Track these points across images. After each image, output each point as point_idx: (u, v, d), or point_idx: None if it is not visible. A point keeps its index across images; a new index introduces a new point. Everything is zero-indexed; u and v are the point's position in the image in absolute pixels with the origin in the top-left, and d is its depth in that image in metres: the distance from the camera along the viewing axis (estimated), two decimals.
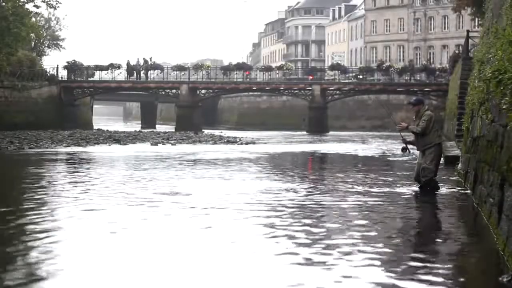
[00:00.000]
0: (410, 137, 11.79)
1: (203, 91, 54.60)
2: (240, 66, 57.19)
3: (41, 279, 5.48)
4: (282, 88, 54.41)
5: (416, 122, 11.33)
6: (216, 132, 43.81)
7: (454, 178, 13.87)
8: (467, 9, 33.20)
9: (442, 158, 12.56)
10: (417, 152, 11.79)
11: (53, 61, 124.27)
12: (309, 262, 6.13)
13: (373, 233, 7.57)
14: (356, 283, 5.44)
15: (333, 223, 8.36)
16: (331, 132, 49.12)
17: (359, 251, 6.58)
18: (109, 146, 27.41)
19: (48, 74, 49.70)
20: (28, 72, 45.65)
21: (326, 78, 57.34)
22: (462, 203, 10.70)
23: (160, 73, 57.33)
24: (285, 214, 8.91)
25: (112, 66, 53.50)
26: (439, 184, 11.58)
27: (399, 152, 11.98)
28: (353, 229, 7.84)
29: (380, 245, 6.92)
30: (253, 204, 9.88)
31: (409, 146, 11.74)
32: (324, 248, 6.71)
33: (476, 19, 35.11)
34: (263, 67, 60.30)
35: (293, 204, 9.94)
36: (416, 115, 11.42)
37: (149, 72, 56.79)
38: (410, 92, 51.30)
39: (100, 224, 8.17)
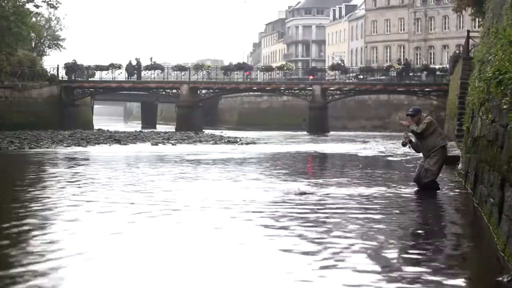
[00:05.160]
0: (412, 137, 11.82)
1: (203, 91, 54.59)
2: (241, 66, 57.17)
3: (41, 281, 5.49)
4: (282, 88, 54.40)
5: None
6: (217, 132, 43.81)
7: (454, 178, 13.87)
8: (467, 9, 33.16)
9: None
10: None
11: (53, 61, 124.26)
12: (307, 261, 6.13)
13: (372, 233, 7.57)
14: (355, 283, 5.44)
15: (333, 223, 8.36)
16: (331, 132, 49.13)
17: (358, 251, 6.59)
18: (110, 146, 27.42)
19: (49, 74, 49.71)
20: (29, 72, 45.66)
21: (326, 78, 57.36)
22: (462, 203, 10.70)
23: (161, 73, 57.31)
24: (285, 214, 8.91)
25: (113, 66, 53.49)
26: (439, 185, 11.58)
27: (401, 146, 12.18)
28: (352, 229, 7.84)
29: (380, 245, 6.92)
30: (254, 204, 9.89)
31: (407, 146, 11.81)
32: (323, 248, 6.71)
33: (477, 19, 35.10)
34: (263, 67, 60.26)
35: (293, 204, 9.94)
36: (416, 124, 11.43)
37: (149, 72, 56.84)
38: (410, 92, 51.32)
39: (102, 225, 8.17)
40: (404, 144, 11.81)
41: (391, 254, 6.55)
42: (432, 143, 11.29)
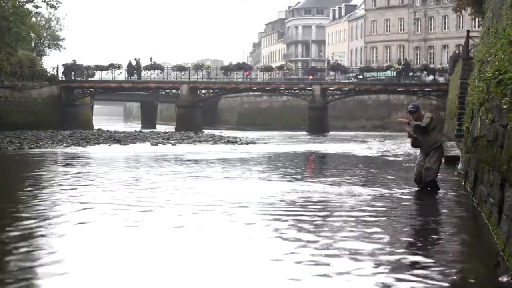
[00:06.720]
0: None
1: (203, 91, 54.60)
2: (240, 66, 57.16)
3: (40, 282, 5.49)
4: (282, 88, 54.40)
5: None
6: (216, 132, 43.81)
7: (454, 178, 13.87)
8: (467, 9, 33.18)
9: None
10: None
11: (53, 61, 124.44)
12: (307, 262, 6.14)
13: (372, 234, 7.57)
14: (355, 283, 5.45)
15: (333, 223, 8.36)
16: (331, 132, 49.13)
17: (358, 251, 6.59)
18: (110, 146, 27.42)
19: (49, 74, 49.71)
20: (29, 72, 45.65)
21: (326, 78, 57.38)
22: (462, 203, 10.70)
23: (160, 73, 57.31)
24: (286, 214, 8.91)
25: (113, 66, 53.48)
26: (439, 185, 11.59)
27: (407, 139, 12.36)
28: (352, 229, 7.84)
29: (380, 245, 6.92)
30: (254, 204, 9.90)
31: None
32: (324, 248, 6.71)
33: (477, 19, 35.17)
34: (263, 67, 60.25)
35: (293, 204, 9.95)
36: (417, 120, 11.45)
37: (149, 72, 56.86)
38: (410, 92, 51.32)
39: (102, 225, 8.17)
40: (410, 136, 11.84)
41: (391, 254, 6.55)
42: (434, 138, 11.38)
